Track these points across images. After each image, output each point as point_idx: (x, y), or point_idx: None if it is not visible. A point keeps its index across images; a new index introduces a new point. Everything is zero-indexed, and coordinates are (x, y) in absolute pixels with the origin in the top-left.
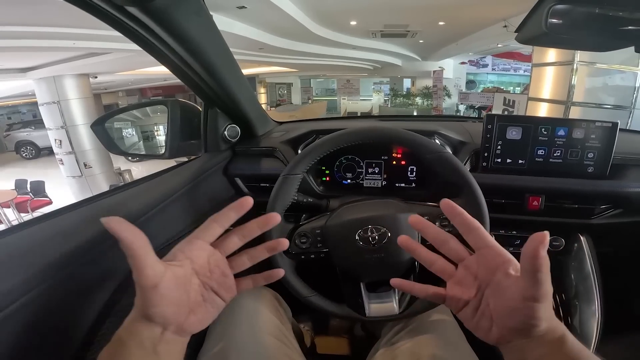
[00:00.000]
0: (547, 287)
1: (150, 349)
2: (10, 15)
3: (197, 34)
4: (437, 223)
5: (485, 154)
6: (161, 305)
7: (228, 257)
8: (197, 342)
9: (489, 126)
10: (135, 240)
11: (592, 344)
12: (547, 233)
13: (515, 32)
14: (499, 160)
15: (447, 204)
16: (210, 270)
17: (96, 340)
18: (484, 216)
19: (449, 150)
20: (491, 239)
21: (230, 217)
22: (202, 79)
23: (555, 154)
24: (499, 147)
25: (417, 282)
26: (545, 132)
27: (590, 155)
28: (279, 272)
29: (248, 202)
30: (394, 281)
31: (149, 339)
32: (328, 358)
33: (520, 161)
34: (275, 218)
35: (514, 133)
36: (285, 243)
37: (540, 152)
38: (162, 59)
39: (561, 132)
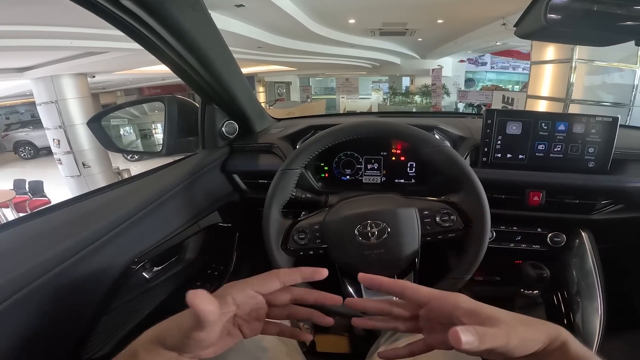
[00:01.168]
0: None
1: None
2: (6, 15)
3: (193, 29)
4: (437, 218)
5: (485, 149)
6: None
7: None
8: None
9: (489, 121)
10: (209, 312)
11: (595, 342)
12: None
13: (514, 26)
14: (499, 155)
15: (363, 277)
16: (249, 314)
17: (92, 338)
18: (485, 209)
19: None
20: (425, 292)
21: (295, 280)
22: (200, 75)
23: (555, 149)
24: (499, 142)
25: (418, 279)
26: (546, 127)
27: (591, 150)
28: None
29: (322, 273)
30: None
31: None
32: (328, 356)
33: (520, 156)
34: (322, 272)
35: (513, 128)
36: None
37: (540, 147)
38: (159, 54)
39: (561, 127)
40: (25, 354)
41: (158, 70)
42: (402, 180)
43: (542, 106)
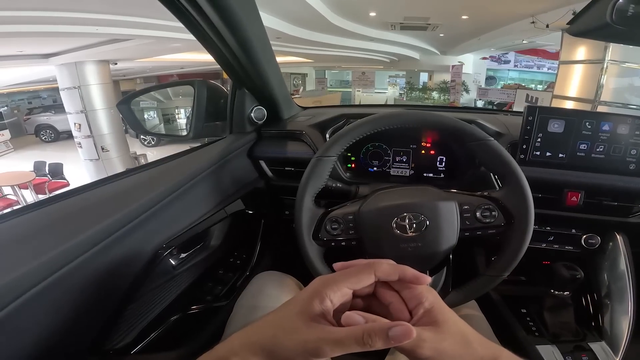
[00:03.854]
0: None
1: None
2: (33, 1)
3: (237, 7)
4: (477, 213)
5: (524, 146)
6: None
7: None
8: (220, 326)
9: (530, 118)
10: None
11: (623, 344)
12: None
13: (567, 24)
14: (538, 153)
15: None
16: (336, 308)
17: (120, 325)
18: (529, 207)
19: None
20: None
21: (393, 279)
22: (235, 56)
23: (597, 149)
24: (539, 139)
25: (449, 275)
26: (590, 127)
27: (634, 152)
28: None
29: (425, 280)
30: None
31: None
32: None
33: (560, 155)
34: (425, 279)
35: (555, 126)
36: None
37: (582, 146)
38: (198, 32)
39: (606, 127)
40: (50, 342)
41: (178, 59)
42: (431, 175)
43: (568, 106)
